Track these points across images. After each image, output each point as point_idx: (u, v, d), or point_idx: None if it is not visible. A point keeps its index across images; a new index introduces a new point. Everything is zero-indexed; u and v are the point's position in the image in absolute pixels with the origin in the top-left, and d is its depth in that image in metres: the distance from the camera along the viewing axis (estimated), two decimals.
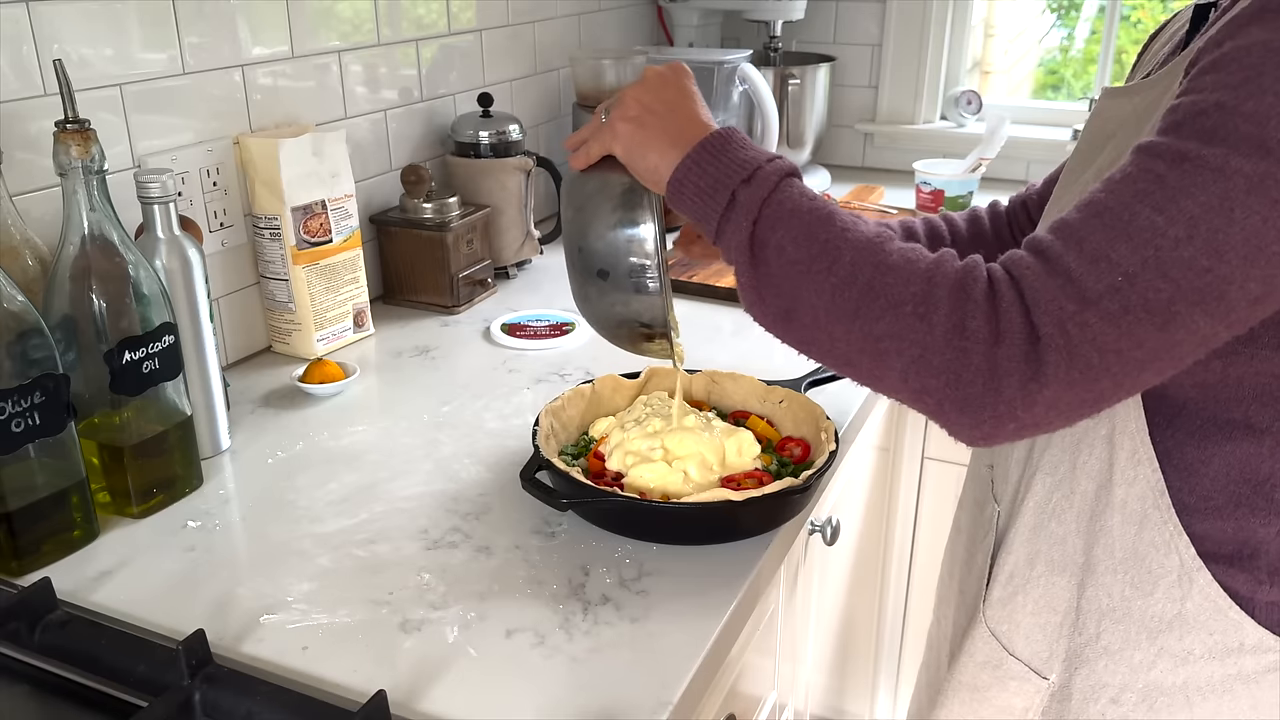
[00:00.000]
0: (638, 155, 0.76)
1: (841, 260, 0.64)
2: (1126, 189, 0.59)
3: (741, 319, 1.38)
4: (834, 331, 0.65)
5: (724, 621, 0.78)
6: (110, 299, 0.85)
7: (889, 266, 0.63)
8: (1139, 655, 0.75)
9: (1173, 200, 0.57)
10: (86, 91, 1.02)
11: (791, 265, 0.66)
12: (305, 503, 0.94)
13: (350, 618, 0.78)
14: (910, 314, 0.61)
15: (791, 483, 0.86)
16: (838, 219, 0.67)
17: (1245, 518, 0.70)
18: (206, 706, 0.66)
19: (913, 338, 0.61)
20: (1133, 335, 0.58)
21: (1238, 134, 0.57)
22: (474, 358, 1.26)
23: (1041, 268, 0.60)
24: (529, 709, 0.69)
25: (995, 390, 0.59)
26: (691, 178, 0.72)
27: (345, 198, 1.26)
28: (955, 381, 0.60)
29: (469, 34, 1.57)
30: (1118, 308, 0.57)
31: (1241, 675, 0.73)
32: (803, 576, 1.19)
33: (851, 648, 1.68)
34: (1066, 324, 0.58)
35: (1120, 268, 0.57)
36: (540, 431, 0.94)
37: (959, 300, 0.60)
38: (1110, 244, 0.58)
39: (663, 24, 2.16)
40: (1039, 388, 0.58)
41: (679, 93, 0.78)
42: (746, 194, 0.69)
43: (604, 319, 0.86)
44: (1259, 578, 0.71)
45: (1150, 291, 0.57)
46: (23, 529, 0.82)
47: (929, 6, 2.09)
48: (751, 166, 0.70)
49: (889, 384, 0.65)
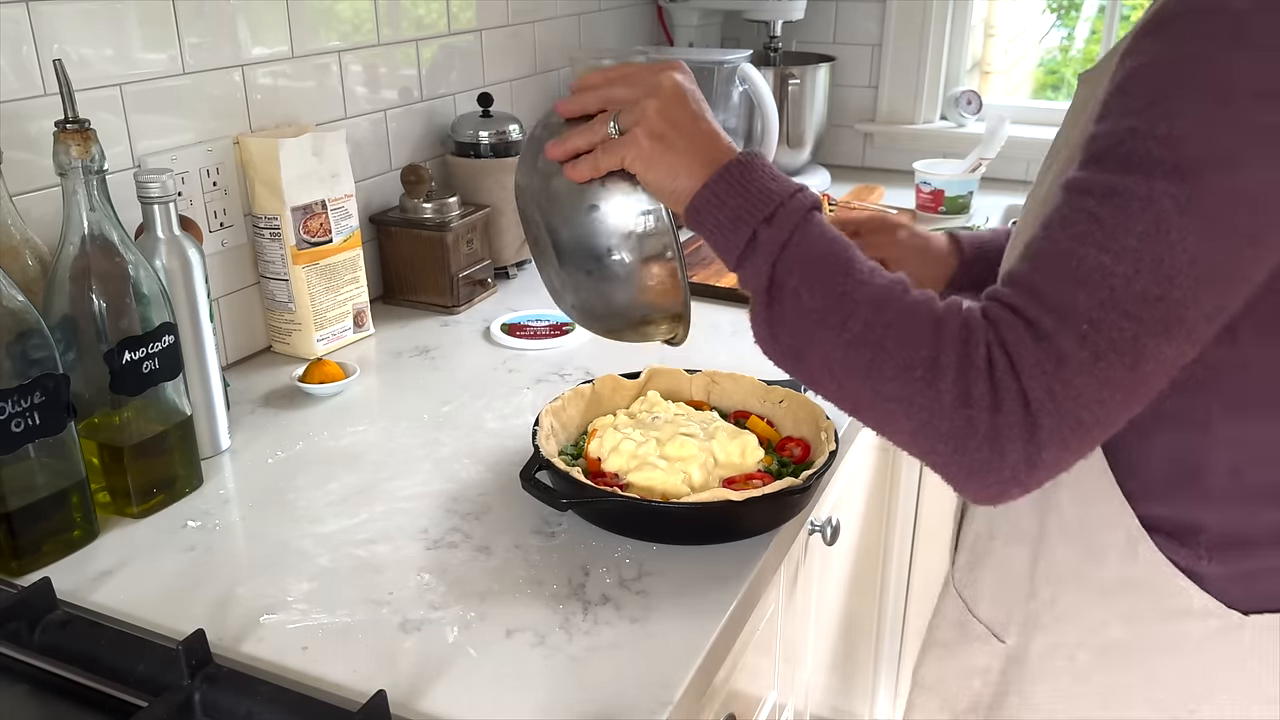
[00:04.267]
0: (663, 175, 0.73)
1: (856, 316, 0.64)
2: (1067, 233, 0.61)
3: (741, 319, 1.38)
4: (844, 383, 0.66)
5: (724, 621, 0.78)
6: (110, 299, 0.85)
7: (900, 328, 0.63)
8: (1092, 616, 0.79)
9: (1113, 237, 0.58)
10: (86, 91, 1.02)
11: (807, 313, 0.66)
12: (305, 503, 0.94)
13: (350, 618, 0.78)
14: (920, 379, 0.62)
15: (791, 483, 0.86)
16: (855, 269, 0.66)
17: (1184, 503, 0.73)
18: (206, 706, 0.66)
19: (921, 402, 0.62)
20: (1110, 380, 0.59)
21: (1154, 160, 0.58)
22: (474, 358, 1.26)
23: (1021, 326, 0.60)
24: (529, 709, 0.69)
25: (1000, 456, 0.60)
26: (711, 209, 0.71)
27: (345, 198, 1.26)
28: (961, 449, 0.61)
29: (469, 34, 1.57)
30: (1090, 356, 0.58)
31: (1188, 637, 0.76)
32: (803, 576, 1.19)
33: (851, 648, 1.68)
34: (1053, 386, 0.59)
35: (1083, 316, 0.58)
36: (540, 431, 0.94)
37: (964, 366, 0.61)
38: (1068, 293, 0.59)
39: (663, 24, 2.16)
40: (1037, 450, 0.60)
41: (697, 101, 0.75)
42: (768, 234, 0.68)
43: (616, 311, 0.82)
44: (1199, 554, 0.74)
45: (1115, 332, 0.58)
46: (23, 529, 0.82)
47: (929, 6, 2.09)
48: (774, 203, 0.69)
49: (897, 439, 0.65)
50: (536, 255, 0.87)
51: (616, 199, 0.77)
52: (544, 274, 0.87)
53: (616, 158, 0.75)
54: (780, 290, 0.67)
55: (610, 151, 0.75)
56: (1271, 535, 0.74)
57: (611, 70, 0.78)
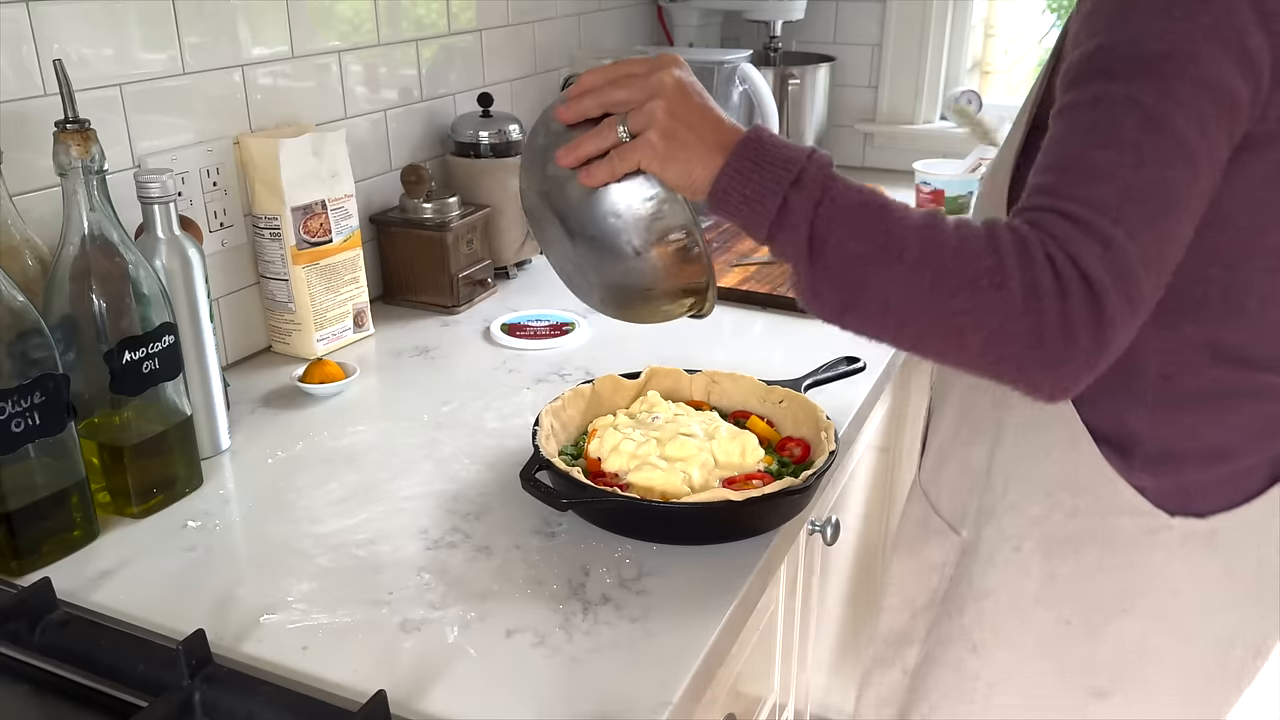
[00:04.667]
0: (678, 169, 0.75)
1: (909, 247, 0.66)
2: (1072, 143, 0.68)
3: (741, 319, 1.38)
4: (905, 316, 0.67)
5: (724, 621, 0.78)
6: (110, 299, 0.85)
7: (954, 247, 0.66)
8: (1036, 509, 0.87)
9: (1111, 136, 0.65)
10: (86, 91, 1.02)
11: (856, 259, 0.68)
12: (305, 503, 0.94)
13: (350, 618, 0.78)
14: (987, 286, 0.64)
15: (791, 483, 0.86)
16: (891, 208, 0.69)
17: (1121, 404, 0.82)
18: (206, 706, 0.66)
19: (992, 309, 0.64)
20: (1146, 257, 0.65)
21: (1125, 64, 0.66)
22: (474, 358, 1.26)
23: (1068, 224, 0.65)
24: (529, 709, 0.69)
25: (1073, 342, 0.64)
26: (735, 188, 0.72)
27: (345, 198, 1.26)
28: (1037, 343, 0.64)
29: (469, 34, 1.57)
30: (1125, 236, 0.64)
31: (1121, 533, 0.84)
32: (803, 576, 1.19)
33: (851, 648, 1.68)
34: (1107, 266, 0.63)
35: (1109, 205, 0.64)
36: (540, 431, 0.94)
37: (1027, 264, 0.64)
38: (1089, 189, 0.65)
39: (663, 24, 2.16)
40: (1104, 329, 0.64)
41: (700, 94, 0.77)
42: (799, 197, 0.70)
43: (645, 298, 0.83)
44: (1134, 465, 0.83)
45: (1137, 215, 0.64)
46: (23, 529, 0.82)
47: (929, 6, 2.09)
48: (796, 167, 0.71)
49: (964, 357, 0.68)
50: (552, 253, 0.88)
51: (632, 194, 0.78)
52: (561, 270, 0.89)
53: (632, 161, 0.76)
54: (823, 245, 0.69)
55: (625, 157, 0.76)
56: (1197, 447, 0.82)
57: (608, 71, 0.79)
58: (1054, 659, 0.89)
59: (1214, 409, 0.81)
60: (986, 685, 0.92)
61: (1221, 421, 0.82)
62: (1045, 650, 0.89)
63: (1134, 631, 0.86)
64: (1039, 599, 0.88)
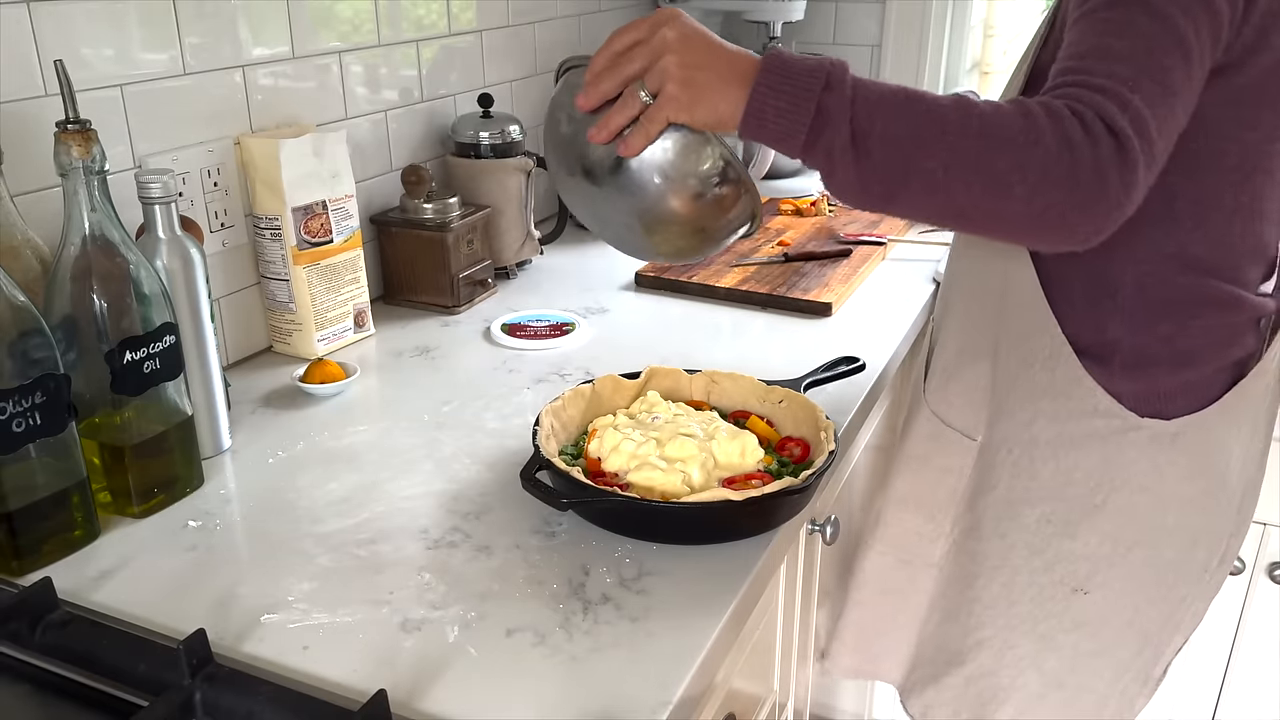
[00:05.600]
0: (705, 109, 0.78)
1: (949, 121, 0.74)
2: (1090, 35, 0.77)
3: (741, 319, 1.38)
4: (953, 187, 0.74)
5: (724, 621, 0.78)
6: (111, 299, 0.85)
7: (988, 115, 0.74)
8: (1023, 414, 0.99)
9: (1127, 29, 0.76)
10: (87, 91, 1.02)
11: (900, 144, 0.74)
12: (306, 503, 0.94)
13: (350, 617, 0.78)
14: (1025, 143, 0.72)
15: (791, 483, 0.86)
16: (922, 93, 0.76)
17: (1102, 317, 0.93)
18: (207, 706, 0.66)
19: (1033, 163, 0.72)
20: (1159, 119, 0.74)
21: None
22: (474, 358, 1.27)
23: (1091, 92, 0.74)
24: (529, 709, 0.69)
25: (1105, 184, 0.72)
26: (768, 109, 0.76)
27: (346, 198, 1.27)
28: (1075, 187, 0.72)
29: (469, 34, 1.58)
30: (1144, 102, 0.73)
31: (1095, 433, 0.95)
32: (803, 576, 1.19)
33: None
34: (1129, 119, 0.72)
35: (1126, 80, 0.74)
36: (540, 431, 0.94)
37: (1056, 123, 0.72)
38: (1110, 67, 0.75)
39: None
40: (1130, 170, 0.72)
41: (704, 36, 0.80)
42: (832, 99, 0.74)
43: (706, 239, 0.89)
44: (1113, 371, 0.94)
45: (1149, 89, 0.74)
46: (23, 529, 0.82)
47: (929, 6, 2.09)
48: (822, 73, 0.75)
49: (1010, 215, 0.74)
50: (606, 230, 0.93)
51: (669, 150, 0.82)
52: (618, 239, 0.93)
53: (661, 119, 0.80)
54: (866, 139, 0.74)
55: (654, 117, 0.80)
56: (1168, 352, 0.93)
57: (613, 45, 0.82)
58: (1039, 555, 1.00)
59: (1182, 316, 0.92)
60: (989, 572, 1.04)
61: (1188, 328, 0.92)
62: (1030, 547, 1.00)
63: (1106, 529, 0.97)
64: (1025, 498, 0.99)
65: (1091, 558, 0.98)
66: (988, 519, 1.03)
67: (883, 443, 1.58)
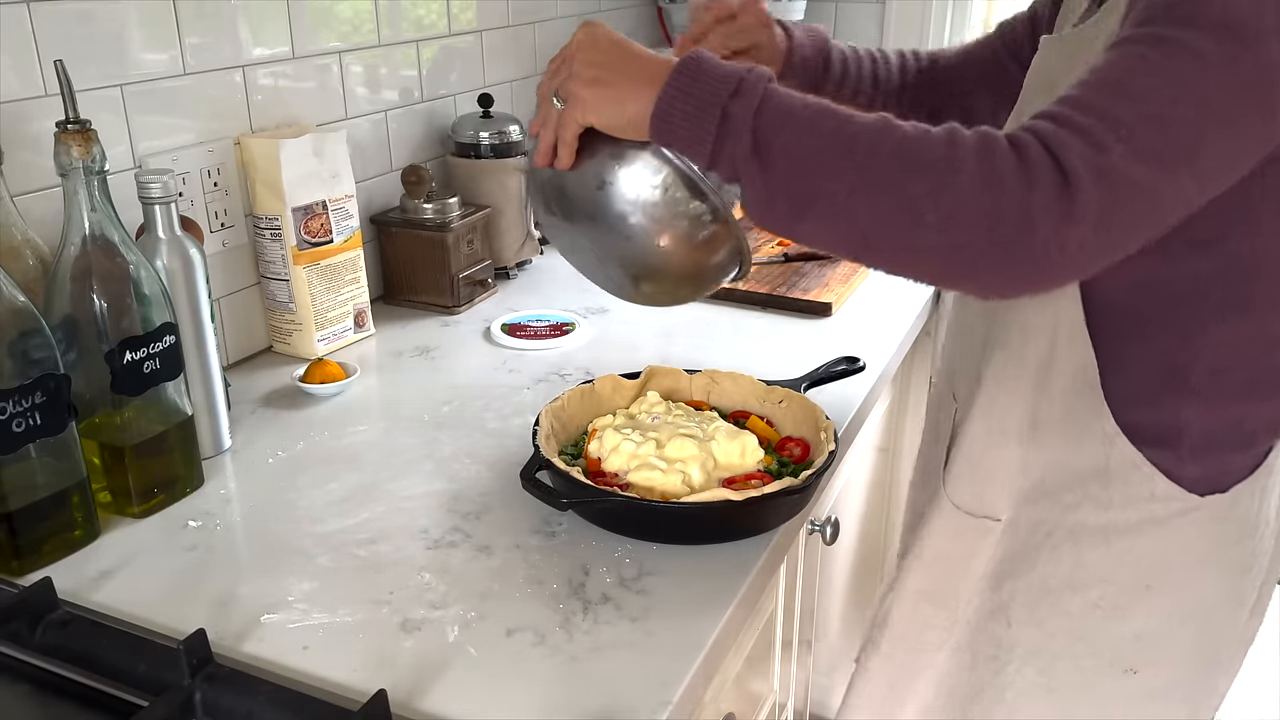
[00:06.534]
0: (614, 111, 0.75)
1: (860, 140, 0.66)
2: (1116, 64, 0.66)
3: (741, 319, 1.38)
4: (857, 212, 0.67)
5: (724, 621, 0.78)
6: (111, 299, 0.85)
7: (908, 136, 0.66)
8: (1066, 498, 0.87)
9: (1159, 69, 0.64)
10: (87, 91, 1.02)
11: (805, 159, 0.68)
12: (306, 503, 0.94)
13: (350, 617, 0.78)
14: (944, 169, 0.64)
15: (791, 483, 0.86)
16: (836, 108, 0.69)
17: (1169, 402, 0.82)
18: (207, 706, 0.66)
19: (948, 193, 0.63)
20: (1140, 181, 0.63)
21: (1209, 19, 0.63)
22: (474, 358, 1.27)
23: (1058, 127, 0.64)
24: (529, 708, 0.69)
25: (1031, 231, 0.62)
26: (677, 105, 0.71)
27: (346, 198, 1.27)
28: (994, 226, 0.63)
29: (469, 34, 1.58)
30: (1129, 155, 0.62)
31: (1152, 519, 0.85)
32: (803, 576, 1.19)
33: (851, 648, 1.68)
34: (1090, 164, 0.62)
35: (1124, 123, 0.63)
36: (540, 431, 0.94)
37: (986, 154, 0.64)
38: (1112, 104, 0.64)
39: (662, 24, 2.16)
40: (1071, 225, 0.62)
41: (617, 40, 0.77)
42: (738, 105, 0.69)
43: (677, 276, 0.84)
44: (1182, 455, 0.83)
45: (1150, 141, 0.63)
46: (24, 529, 0.82)
47: (929, 6, 2.09)
48: (734, 79, 0.70)
49: (919, 248, 0.66)
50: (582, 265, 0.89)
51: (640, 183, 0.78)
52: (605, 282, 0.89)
53: (571, 122, 0.77)
54: (769, 150, 0.68)
55: (564, 124, 0.77)
56: (1241, 433, 0.84)
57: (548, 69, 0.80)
58: (1084, 641, 0.90)
59: (1259, 397, 0.83)
60: (1023, 658, 0.93)
61: (1261, 408, 0.83)
62: (1073, 633, 0.90)
63: (1161, 607, 0.87)
64: (1069, 583, 0.89)
65: (1142, 636, 0.89)
66: (1018, 605, 0.92)
67: (883, 443, 1.58)
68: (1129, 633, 0.89)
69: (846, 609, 1.59)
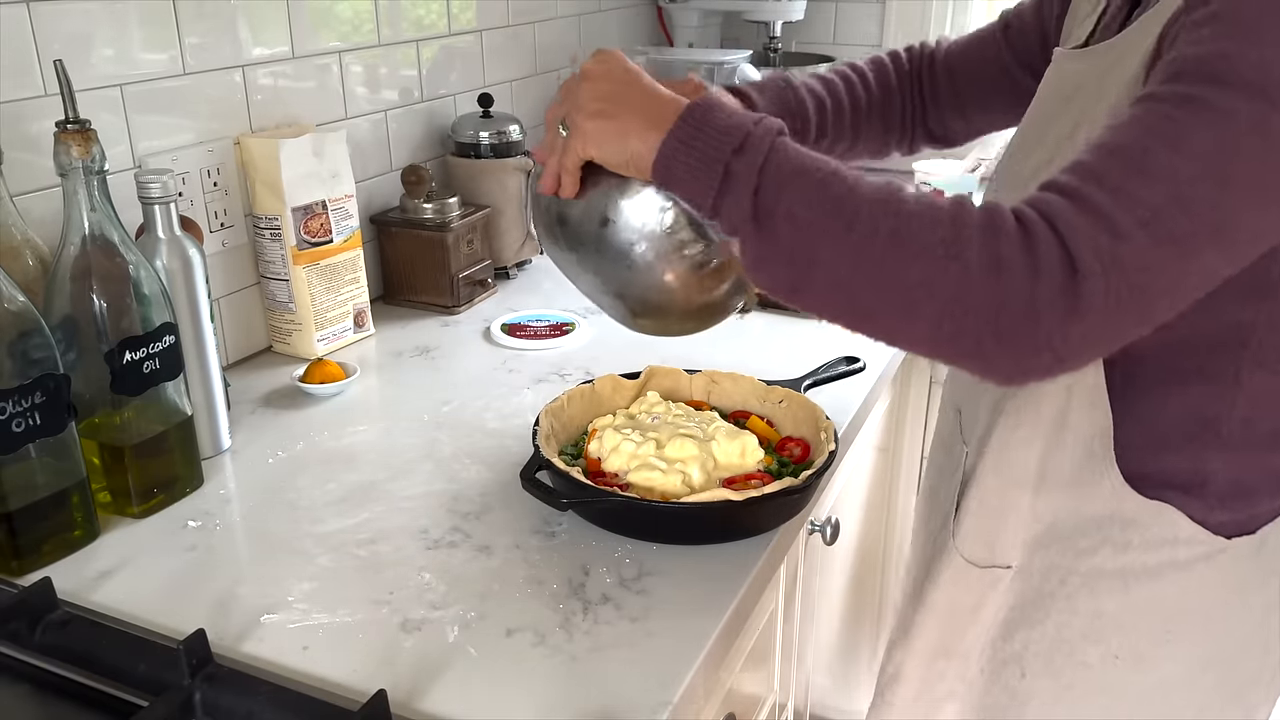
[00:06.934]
0: (617, 148, 0.72)
1: (860, 215, 0.63)
2: (1137, 129, 0.61)
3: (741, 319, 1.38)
4: (855, 288, 0.64)
5: (724, 621, 0.78)
6: (111, 299, 0.85)
7: (910, 214, 0.63)
8: (1081, 543, 0.82)
9: (1184, 138, 0.59)
10: (87, 91, 1.02)
11: (805, 228, 0.65)
12: (306, 503, 0.94)
13: (350, 617, 0.78)
14: (943, 256, 0.61)
15: (791, 483, 0.86)
16: (843, 174, 0.66)
17: (1197, 453, 0.77)
18: (207, 706, 0.66)
19: (947, 279, 0.61)
20: (1160, 266, 0.60)
21: (1242, 79, 0.59)
22: (474, 358, 1.27)
23: (1072, 206, 0.60)
24: (529, 708, 0.69)
25: (1034, 322, 0.60)
26: (679, 156, 0.69)
27: (345, 198, 1.27)
28: (995, 317, 0.60)
29: (469, 34, 1.58)
30: (1148, 240, 0.59)
31: (1174, 563, 0.80)
32: (803, 576, 1.19)
33: (851, 648, 1.68)
34: (1103, 255, 0.59)
35: (1145, 204, 0.59)
36: (540, 431, 0.94)
37: (990, 237, 0.60)
38: (1132, 181, 0.60)
39: (663, 24, 2.16)
40: (1077, 320, 0.59)
41: (629, 73, 0.74)
42: (741, 164, 0.66)
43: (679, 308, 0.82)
44: (1210, 503, 0.78)
45: (1174, 226, 0.59)
46: (23, 529, 0.82)
47: (929, 6, 2.09)
48: (740, 134, 0.67)
49: (916, 333, 0.64)
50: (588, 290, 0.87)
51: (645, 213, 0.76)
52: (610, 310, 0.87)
53: (573, 153, 0.75)
54: (770, 216, 0.66)
55: (567, 150, 0.75)
56: (1272, 480, 0.79)
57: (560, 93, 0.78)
58: (1105, 693, 0.86)
59: None
60: (1039, 708, 0.88)
61: None
62: (1090, 684, 0.86)
63: (1185, 655, 0.83)
64: (1086, 634, 0.84)
65: (1164, 685, 0.84)
66: (1033, 656, 0.87)
67: (883, 443, 1.58)
68: (1151, 682, 0.84)
69: (846, 609, 1.59)
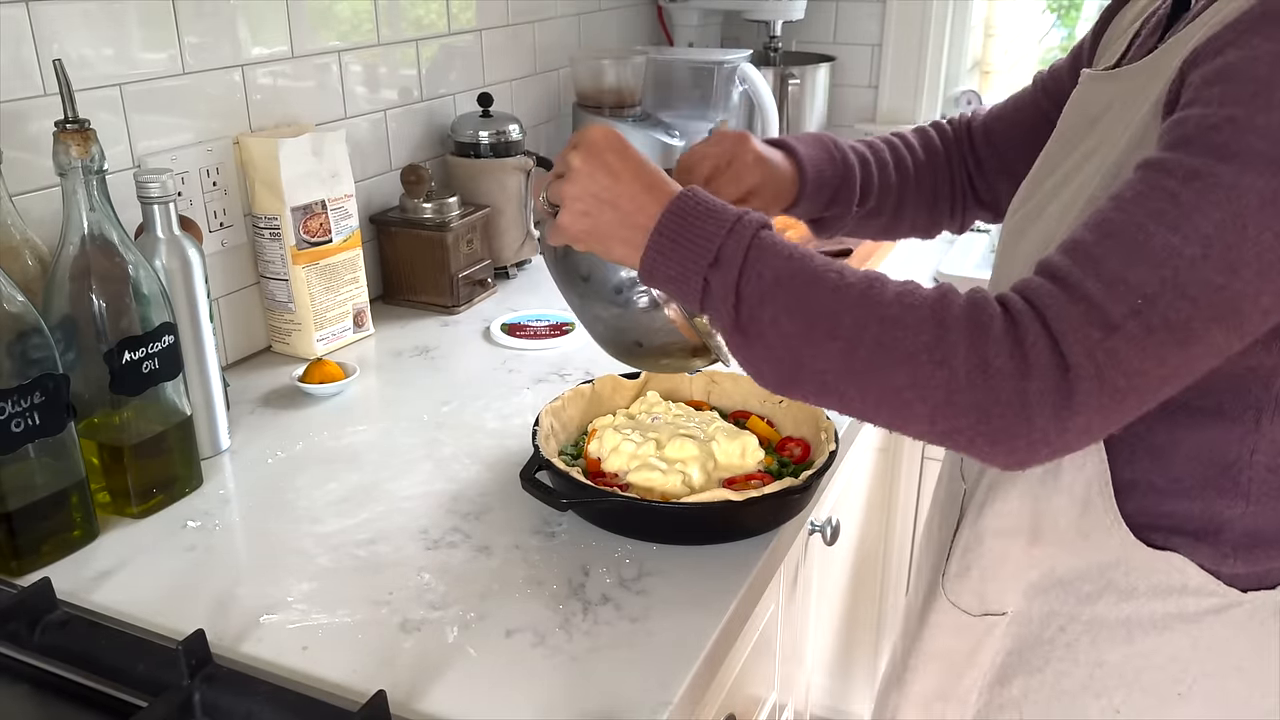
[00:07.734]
0: (601, 250, 0.74)
1: (842, 323, 0.63)
2: (1139, 208, 0.59)
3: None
4: (847, 391, 0.64)
5: (724, 621, 0.78)
6: (110, 299, 0.85)
7: (892, 319, 0.62)
8: (1083, 588, 0.78)
9: (1187, 218, 0.58)
10: (86, 91, 1.02)
11: (790, 338, 0.65)
12: (305, 503, 0.94)
13: (350, 618, 0.78)
14: (927, 362, 0.61)
15: (791, 483, 0.86)
16: (823, 277, 0.65)
17: (1212, 498, 0.73)
18: (206, 706, 0.66)
19: (934, 384, 0.61)
20: (1157, 355, 0.58)
21: (1251, 150, 0.57)
22: (474, 358, 1.26)
23: (1063, 295, 0.59)
24: (529, 709, 0.69)
25: (1027, 421, 0.59)
26: (659, 270, 0.70)
27: (345, 198, 1.26)
28: (985, 417, 0.60)
29: (469, 34, 1.57)
30: (1141, 330, 0.58)
31: (1182, 615, 0.75)
32: (803, 576, 1.19)
33: (851, 648, 1.68)
34: (1095, 352, 0.58)
35: (1140, 290, 0.58)
36: (540, 431, 0.94)
37: (976, 338, 0.60)
38: (1128, 266, 0.58)
39: (663, 24, 2.16)
40: (1071, 415, 0.59)
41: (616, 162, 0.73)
42: (718, 278, 0.67)
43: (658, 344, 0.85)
44: (1224, 552, 0.74)
45: (1170, 311, 0.57)
46: (23, 529, 0.82)
47: (929, 6, 2.09)
48: (714, 245, 0.67)
49: (914, 430, 0.64)
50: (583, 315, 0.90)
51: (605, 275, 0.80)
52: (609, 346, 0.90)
53: (560, 240, 0.75)
54: (755, 323, 0.66)
55: (554, 233, 0.75)
56: None
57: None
58: None
59: None
60: None
61: None
62: None
63: (1192, 717, 0.78)
64: (1087, 687, 0.80)
65: None
66: (1031, 704, 0.83)
67: (883, 443, 1.58)
68: None
69: (846, 609, 1.59)
